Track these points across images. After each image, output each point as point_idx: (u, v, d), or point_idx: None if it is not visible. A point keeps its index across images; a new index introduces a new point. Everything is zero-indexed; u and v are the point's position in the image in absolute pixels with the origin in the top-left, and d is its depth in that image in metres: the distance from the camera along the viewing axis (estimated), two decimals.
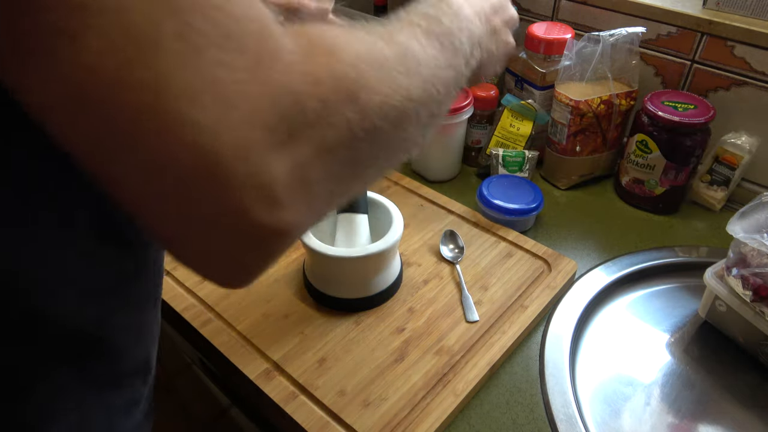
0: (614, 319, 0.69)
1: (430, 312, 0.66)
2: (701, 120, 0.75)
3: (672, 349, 0.66)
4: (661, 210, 0.84)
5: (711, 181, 0.83)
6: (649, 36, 0.85)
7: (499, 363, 0.62)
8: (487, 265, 0.72)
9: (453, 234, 0.76)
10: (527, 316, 0.65)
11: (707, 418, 0.59)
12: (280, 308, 0.67)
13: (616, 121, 0.84)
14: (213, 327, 0.64)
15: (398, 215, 0.67)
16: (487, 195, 0.78)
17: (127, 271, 0.38)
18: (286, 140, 0.25)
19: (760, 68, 0.78)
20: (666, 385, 0.62)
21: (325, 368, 0.60)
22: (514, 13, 0.55)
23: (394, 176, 0.87)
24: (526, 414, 0.58)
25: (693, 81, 0.84)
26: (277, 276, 0.71)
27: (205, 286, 0.70)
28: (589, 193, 0.89)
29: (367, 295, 0.66)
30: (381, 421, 0.55)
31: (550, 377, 0.60)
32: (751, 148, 0.80)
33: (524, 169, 0.85)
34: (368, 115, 0.28)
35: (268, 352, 0.61)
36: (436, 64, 0.35)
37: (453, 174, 0.92)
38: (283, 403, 0.57)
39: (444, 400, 0.57)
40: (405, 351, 0.62)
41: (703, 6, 0.81)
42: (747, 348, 0.64)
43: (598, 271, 0.73)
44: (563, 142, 0.85)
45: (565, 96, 0.82)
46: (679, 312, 0.70)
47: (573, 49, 0.82)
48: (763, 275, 0.58)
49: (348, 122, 0.27)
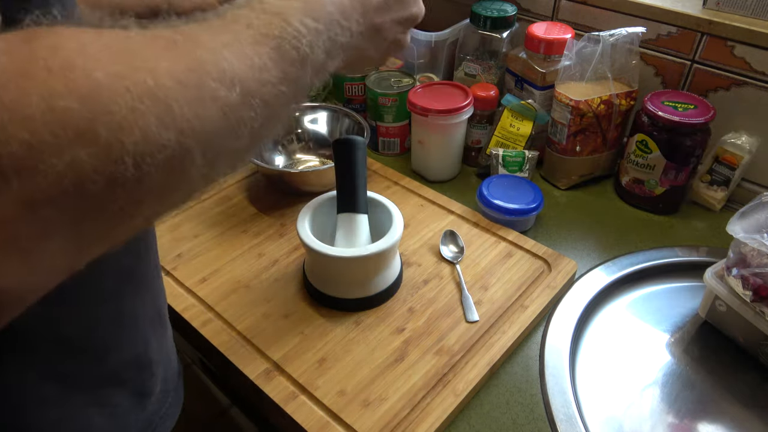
0: (614, 319, 0.69)
1: (430, 312, 0.66)
2: (701, 120, 0.75)
3: (672, 349, 0.66)
4: (661, 210, 0.84)
5: (711, 181, 0.83)
6: (649, 36, 0.85)
7: (499, 363, 0.62)
8: (487, 265, 0.72)
9: (453, 234, 0.76)
10: (527, 316, 0.65)
11: (707, 418, 0.59)
12: (280, 308, 0.67)
13: (616, 121, 0.84)
14: (213, 327, 0.64)
15: (398, 215, 0.67)
16: (487, 195, 0.78)
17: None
18: None
19: (760, 68, 0.78)
20: (666, 385, 0.62)
21: (325, 368, 0.60)
22: (416, 10, 0.47)
23: (394, 176, 0.87)
24: (526, 414, 0.58)
25: (693, 81, 0.84)
26: (277, 276, 0.71)
27: (205, 286, 0.70)
28: (589, 193, 0.89)
29: (367, 295, 0.66)
30: (381, 421, 0.55)
31: (550, 377, 0.60)
32: (751, 148, 0.80)
33: (524, 169, 0.85)
34: (114, 158, 0.22)
35: (268, 352, 0.61)
36: (261, 78, 0.27)
37: (453, 174, 0.92)
38: (283, 403, 0.57)
39: (444, 400, 0.57)
40: (405, 351, 0.62)
41: (703, 6, 0.81)
42: (747, 348, 0.64)
43: (598, 271, 0.73)
44: (563, 142, 0.85)
45: (565, 96, 0.82)
46: (679, 312, 0.70)
47: (573, 49, 0.82)
48: (763, 275, 0.58)
49: (73, 167, 0.21)
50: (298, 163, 0.90)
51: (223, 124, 0.25)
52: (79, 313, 0.39)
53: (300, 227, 0.65)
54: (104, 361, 0.42)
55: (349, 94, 0.97)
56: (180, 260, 0.73)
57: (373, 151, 0.98)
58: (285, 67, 0.29)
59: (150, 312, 0.47)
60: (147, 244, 0.45)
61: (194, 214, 0.81)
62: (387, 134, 0.94)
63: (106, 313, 0.41)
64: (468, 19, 0.95)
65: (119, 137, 0.22)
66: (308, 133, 0.91)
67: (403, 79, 0.94)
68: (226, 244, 0.76)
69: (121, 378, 0.44)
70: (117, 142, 0.22)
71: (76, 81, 0.21)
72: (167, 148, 0.23)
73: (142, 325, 0.46)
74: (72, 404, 0.41)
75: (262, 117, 0.27)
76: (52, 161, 0.20)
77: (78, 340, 0.39)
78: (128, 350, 0.44)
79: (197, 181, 0.26)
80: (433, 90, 0.88)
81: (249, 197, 0.84)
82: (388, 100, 0.90)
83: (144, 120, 0.22)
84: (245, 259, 0.73)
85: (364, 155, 0.67)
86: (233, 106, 0.26)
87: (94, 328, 0.40)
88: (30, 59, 0.20)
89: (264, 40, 0.29)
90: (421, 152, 0.89)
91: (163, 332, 0.50)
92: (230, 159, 0.27)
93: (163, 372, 0.51)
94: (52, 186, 0.21)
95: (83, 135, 0.21)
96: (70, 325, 0.38)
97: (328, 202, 0.70)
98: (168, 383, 0.52)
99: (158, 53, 0.24)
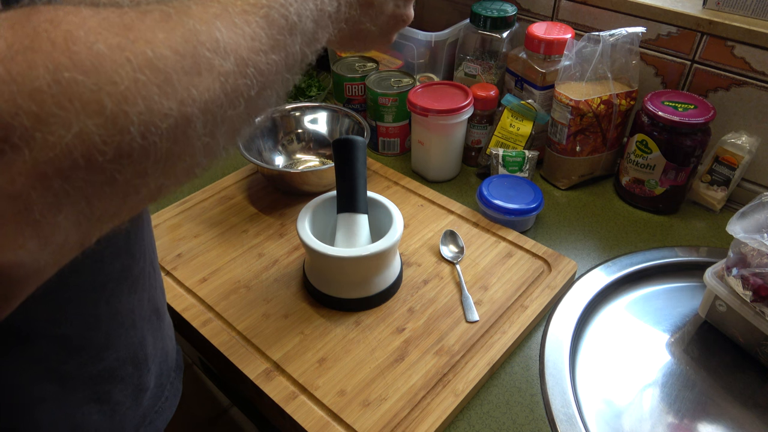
0: (614, 319, 0.69)
1: (430, 312, 0.66)
2: (701, 120, 0.75)
3: (672, 349, 0.66)
4: (661, 210, 0.84)
5: (711, 181, 0.83)
6: (649, 36, 0.85)
7: (499, 363, 0.62)
8: (487, 265, 0.72)
9: (453, 234, 0.76)
10: (527, 316, 0.65)
11: (707, 418, 0.59)
12: (280, 308, 0.67)
13: (616, 121, 0.84)
14: (213, 327, 0.64)
15: (398, 215, 0.67)
16: (487, 195, 0.78)
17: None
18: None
19: (760, 68, 0.78)
20: (666, 385, 0.62)
21: (325, 368, 0.60)
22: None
23: (394, 176, 0.88)
24: (526, 414, 0.58)
25: (693, 81, 0.84)
26: (277, 276, 0.71)
27: (205, 286, 0.70)
28: (589, 193, 0.89)
29: (367, 295, 0.66)
30: (381, 421, 0.55)
31: (550, 377, 0.60)
32: (751, 148, 0.80)
33: (524, 169, 0.85)
34: (120, 128, 0.22)
35: (268, 352, 0.61)
36: (253, 46, 0.28)
37: (453, 174, 0.92)
38: (283, 403, 0.57)
39: (444, 400, 0.57)
40: (405, 351, 0.62)
41: (703, 6, 0.81)
42: (747, 348, 0.64)
43: (598, 271, 0.73)
44: (563, 142, 0.85)
45: (565, 96, 0.82)
46: (679, 312, 0.70)
47: (573, 49, 0.82)
48: (763, 275, 0.58)
49: (81, 138, 0.21)
50: (298, 163, 0.90)
51: (221, 92, 0.26)
52: (77, 312, 0.39)
53: (300, 227, 0.65)
54: (102, 358, 0.42)
55: (349, 94, 0.97)
56: (180, 260, 0.73)
57: (373, 151, 0.98)
58: (275, 35, 0.29)
59: (146, 309, 0.47)
60: (142, 243, 0.45)
61: (194, 214, 0.81)
62: (387, 134, 0.94)
63: (104, 312, 0.41)
64: (468, 19, 0.95)
65: (124, 108, 0.22)
66: (308, 133, 0.91)
67: (403, 79, 0.94)
68: (226, 244, 0.76)
69: (117, 374, 0.44)
70: (122, 113, 0.22)
71: (80, 53, 0.21)
72: (170, 117, 0.24)
73: (139, 322, 0.46)
74: (69, 402, 0.41)
75: (258, 85, 0.28)
76: (60, 132, 0.21)
77: (77, 338, 0.40)
78: (125, 348, 0.44)
79: (200, 151, 0.27)
80: (433, 90, 0.88)
81: (249, 197, 0.84)
82: (388, 100, 0.90)
83: (146, 90, 0.23)
84: (245, 259, 0.73)
85: (364, 155, 0.67)
86: (229, 74, 0.26)
87: (93, 326, 0.41)
88: (33, 33, 0.21)
89: (252, 9, 0.29)
90: (421, 152, 0.89)
91: (159, 326, 0.51)
92: (230, 128, 0.28)
93: (158, 367, 0.51)
94: (61, 157, 0.21)
95: (89, 106, 0.21)
96: (69, 324, 0.39)
97: (328, 202, 0.70)
98: (163, 377, 0.52)
99: (154, 25, 0.24)
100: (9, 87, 0.20)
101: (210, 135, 0.26)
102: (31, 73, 0.20)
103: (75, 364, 0.40)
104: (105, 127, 0.22)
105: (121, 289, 0.42)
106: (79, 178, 0.22)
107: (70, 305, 0.38)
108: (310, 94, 1.09)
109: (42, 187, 0.21)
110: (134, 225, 0.43)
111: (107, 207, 0.24)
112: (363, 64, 0.99)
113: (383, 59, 1.04)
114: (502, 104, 0.90)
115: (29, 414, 0.39)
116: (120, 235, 0.41)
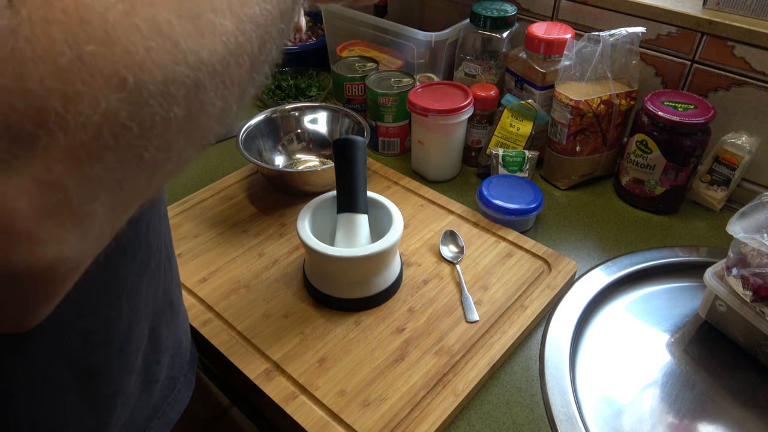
0: (614, 319, 0.69)
1: (430, 312, 0.66)
2: (701, 120, 0.75)
3: (672, 349, 0.66)
4: (661, 210, 0.84)
5: (711, 181, 0.83)
6: (649, 36, 0.85)
7: (499, 363, 0.62)
8: (487, 265, 0.72)
9: (453, 234, 0.76)
10: (527, 316, 0.65)
11: (707, 418, 0.59)
12: (280, 308, 0.67)
13: (616, 121, 0.84)
14: (213, 327, 0.65)
15: (398, 215, 0.67)
16: (487, 195, 0.78)
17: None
18: (11, 158, 0.19)
19: (760, 68, 0.78)
20: (666, 385, 0.62)
21: (325, 368, 0.60)
22: None
23: (394, 176, 0.88)
24: (526, 414, 0.58)
25: (693, 81, 0.84)
26: (277, 276, 0.71)
27: (205, 286, 0.70)
28: (589, 193, 0.89)
29: (367, 295, 0.66)
30: (381, 421, 0.55)
31: (550, 377, 0.60)
32: (751, 148, 0.80)
33: (524, 169, 0.85)
34: (142, 101, 0.21)
35: (268, 352, 0.61)
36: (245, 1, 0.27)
37: (453, 174, 0.92)
38: (283, 403, 0.57)
39: (444, 400, 0.57)
40: (405, 351, 0.62)
41: (703, 6, 0.81)
42: (747, 348, 0.64)
43: (598, 271, 0.73)
44: (563, 142, 0.85)
45: (565, 96, 0.82)
46: (679, 312, 0.70)
47: (573, 49, 0.82)
48: (763, 275, 0.58)
49: (107, 116, 0.20)
50: (298, 163, 0.90)
51: (226, 53, 0.25)
52: (101, 306, 0.39)
53: (300, 227, 0.65)
54: (123, 351, 0.43)
55: (349, 94, 0.97)
56: (180, 260, 0.73)
57: (373, 151, 0.98)
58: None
59: (161, 301, 0.47)
60: (158, 236, 0.45)
61: (194, 214, 0.81)
62: (387, 134, 0.94)
63: (125, 306, 0.42)
64: (468, 19, 0.95)
65: (142, 78, 0.21)
66: (308, 133, 0.91)
67: (403, 79, 0.94)
68: (226, 244, 0.76)
69: (132, 366, 0.44)
70: (141, 84, 0.21)
71: (92, 23, 0.20)
72: (184, 84, 0.23)
73: (154, 315, 0.46)
74: (89, 393, 0.41)
75: (258, 40, 0.27)
76: (88, 112, 0.20)
77: (101, 332, 0.40)
78: (141, 340, 0.45)
79: (215, 115, 0.26)
80: (433, 90, 0.88)
81: (249, 197, 0.84)
82: (388, 100, 0.90)
83: (160, 57, 0.22)
84: (245, 259, 0.73)
85: (364, 155, 0.67)
86: (230, 33, 0.26)
87: (116, 320, 0.41)
88: (44, 4, 0.20)
89: None
90: (421, 152, 0.89)
91: (172, 318, 0.51)
92: (239, 88, 0.28)
93: (170, 359, 0.51)
94: (93, 139, 0.20)
95: (111, 80, 0.20)
96: (94, 317, 0.39)
97: (328, 202, 0.70)
98: (175, 369, 0.52)
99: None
100: (37, 66, 0.19)
101: (221, 98, 0.26)
102: (54, 49, 0.19)
103: (97, 356, 0.41)
104: (129, 101, 0.21)
105: (140, 282, 0.43)
106: (110, 160, 0.21)
107: (93, 299, 0.38)
108: (310, 94, 1.09)
109: (78, 174, 0.20)
110: (152, 216, 0.43)
111: (137, 187, 0.24)
112: (363, 64, 0.99)
113: (383, 59, 1.04)
114: (502, 104, 0.90)
115: (50, 404, 0.39)
116: (140, 227, 0.41)
